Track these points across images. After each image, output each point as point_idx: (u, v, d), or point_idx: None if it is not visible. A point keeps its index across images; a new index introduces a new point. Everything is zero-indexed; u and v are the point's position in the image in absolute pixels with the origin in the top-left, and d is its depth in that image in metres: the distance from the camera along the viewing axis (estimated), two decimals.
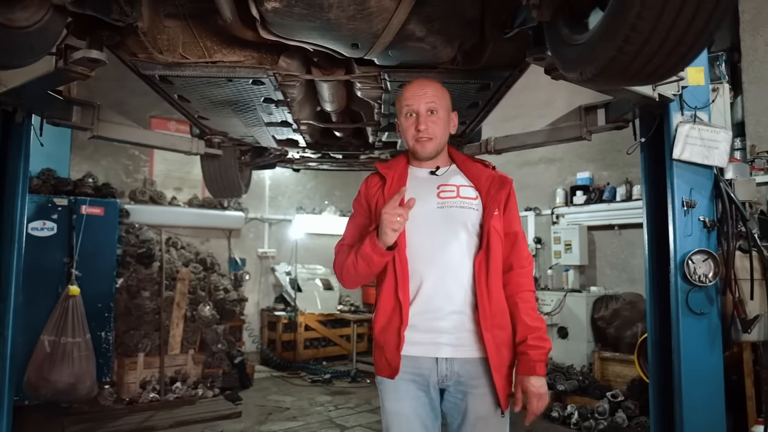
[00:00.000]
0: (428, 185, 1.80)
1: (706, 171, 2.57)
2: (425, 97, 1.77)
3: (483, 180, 1.80)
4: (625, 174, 6.30)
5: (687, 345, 2.46)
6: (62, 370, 4.11)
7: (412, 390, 1.69)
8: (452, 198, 1.76)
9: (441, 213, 1.74)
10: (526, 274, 1.75)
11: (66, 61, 2.07)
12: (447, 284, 1.68)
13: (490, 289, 1.67)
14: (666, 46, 1.15)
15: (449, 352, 1.67)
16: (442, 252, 1.70)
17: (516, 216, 1.81)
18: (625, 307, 5.41)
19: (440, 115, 1.79)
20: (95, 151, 6.73)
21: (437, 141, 1.79)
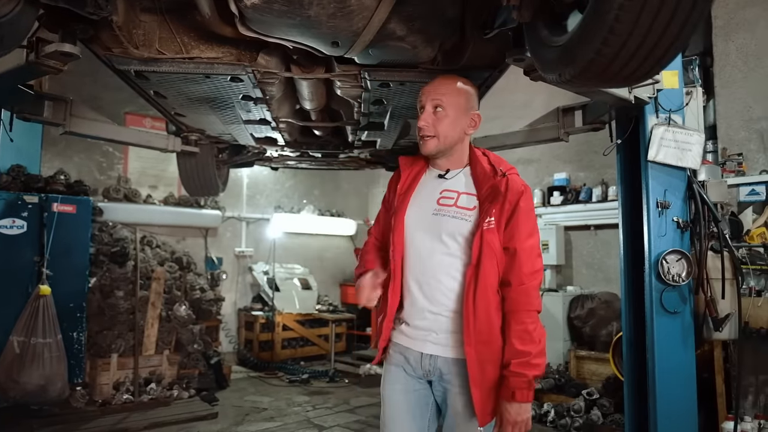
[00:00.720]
0: (433, 188, 1.80)
1: (679, 173, 2.62)
2: (434, 93, 1.76)
3: (484, 189, 1.73)
4: (601, 175, 6.40)
5: (661, 343, 2.51)
6: (32, 371, 4.01)
7: (403, 378, 1.79)
8: (449, 206, 1.74)
9: (433, 220, 1.74)
10: (525, 291, 1.65)
11: (37, 55, 2.01)
12: (431, 288, 1.73)
13: (477, 306, 1.64)
14: (643, 49, 1.17)
15: (433, 350, 1.73)
16: (429, 258, 1.73)
17: (520, 230, 1.68)
18: (601, 306, 5.49)
19: (447, 113, 1.74)
20: (67, 147, 6.57)
21: (441, 140, 1.75)
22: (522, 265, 1.66)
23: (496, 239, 1.66)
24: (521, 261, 1.66)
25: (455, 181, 1.79)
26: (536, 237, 1.73)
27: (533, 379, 1.62)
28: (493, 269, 1.66)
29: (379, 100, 2.85)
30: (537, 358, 1.62)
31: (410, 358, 1.77)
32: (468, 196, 1.75)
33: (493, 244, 1.65)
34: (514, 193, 1.70)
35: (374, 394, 5.92)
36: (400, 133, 3.63)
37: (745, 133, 4.77)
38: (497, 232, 1.66)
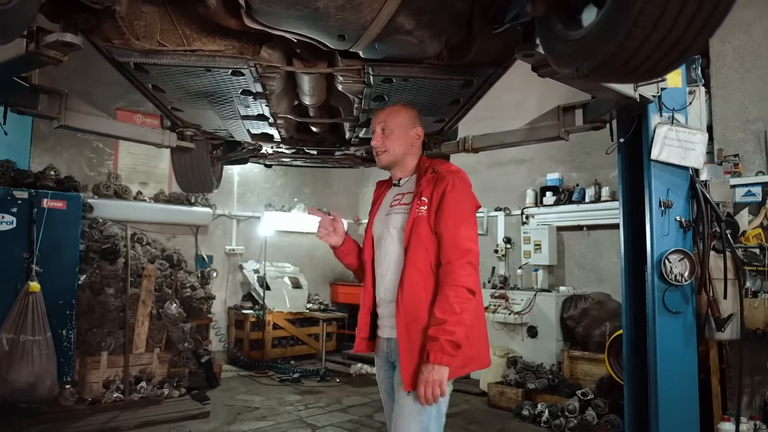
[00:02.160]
0: (390, 195, 2.16)
1: (682, 172, 2.63)
2: (378, 119, 2.12)
3: (419, 184, 2.02)
4: (594, 176, 6.43)
5: (663, 343, 2.51)
6: (21, 369, 3.94)
7: (380, 363, 2.12)
8: (396, 205, 2.07)
9: (386, 219, 2.08)
10: (450, 269, 1.83)
11: (38, 45, 1.96)
12: (385, 280, 2.02)
13: (404, 284, 1.90)
14: (667, 42, 1.16)
15: (389, 333, 2.01)
16: (385, 253, 2.04)
17: (448, 215, 1.89)
18: (594, 306, 5.51)
19: (396, 133, 2.09)
20: (57, 143, 6.47)
21: (390, 154, 2.09)
22: (447, 247, 1.87)
23: (426, 226, 1.90)
24: (446, 243, 1.87)
25: (404, 186, 2.14)
26: (467, 223, 1.91)
27: (448, 345, 1.74)
28: (420, 253, 1.89)
29: (380, 96, 2.83)
30: (453, 326, 1.77)
31: (382, 345, 2.07)
32: (410, 195, 2.05)
33: (421, 230, 1.90)
34: (441, 186, 1.93)
35: (366, 393, 5.89)
36: None
37: (741, 134, 4.81)
38: (428, 219, 1.91)
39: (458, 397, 5.74)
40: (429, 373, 1.76)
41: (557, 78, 2.01)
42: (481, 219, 7.65)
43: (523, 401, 5.05)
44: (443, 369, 1.76)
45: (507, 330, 6.14)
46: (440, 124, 3.53)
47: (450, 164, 2.12)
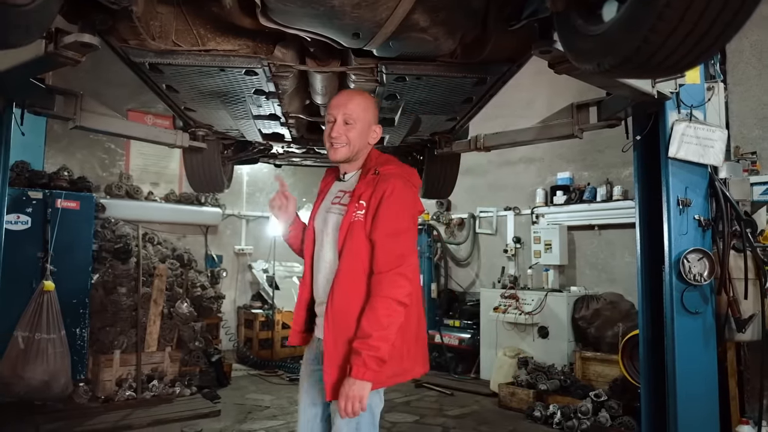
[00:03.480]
0: (332, 191, 2.03)
1: (701, 170, 2.59)
2: (343, 109, 1.94)
3: (358, 186, 1.90)
4: (606, 174, 6.38)
5: (682, 344, 2.48)
6: (36, 367, 3.97)
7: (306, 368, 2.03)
8: (336, 204, 1.95)
9: (323, 217, 1.97)
10: (379, 280, 1.76)
11: (56, 46, 1.97)
12: (319, 279, 1.94)
13: (334, 291, 1.82)
14: (692, 37, 1.14)
15: (320, 333, 1.92)
16: (319, 252, 1.96)
17: (383, 222, 1.80)
18: (606, 307, 5.47)
19: (357, 127, 1.93)
20: (70, 144, 6.52)
21: (350, 149, 1.93)
22: (378, 256, 1.79)
23: (361, 231, 1.81)
24: (378, 252, 1.79)
25: (350, 183, 1.99)
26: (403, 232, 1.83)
27: (371, 360, 1.68)
28: (353, 259, 1.81)
29: (392, 95, 2.82)
30: (378, 341, 1.69)
31: (314, 344, 2.01)
32: (348, 194, 1.93)
33: (356, 236, 1.81)
34: (380, 190, 1.83)
35: None
36: (410, 129, 3.60)
37: (759, 132, 4.74)
38: (364, 225, 1.81)
39: (468, 398, 5.72)
40: (350, 387, 1.69)
41: (575, 74, 1.99)
42: (490, 219, 7.63)
43: (534, 402, 5.02)
44: (365, 384, 1.69)
45: (517, 330, 6.10)
46: (452, 122, 3.52)
47: (397, 164, 1.98)
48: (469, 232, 7.83)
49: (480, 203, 7.76)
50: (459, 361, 6.81)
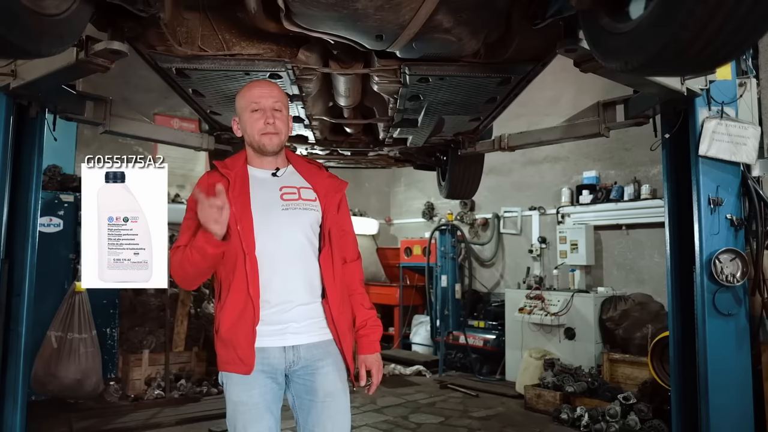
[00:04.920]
0: (270, 187, 1.87)
1: (733, 168, 2.53)
2: (272, 97, 1.85)
3: (320, 183, 1.92)
4: (634, 173, 6.26)
5: (713, 347, 2.42)
6: (69, 366, 4.08)
7: (261, 379, 1.77)
8: (295, 200, 1.86)
9: (286, 215, 1.83)
10: (357, 266, 1.98)
11: (87, 53, 2.03)
12: (294, 280, 1.80)
13: (336, 280, 1.85)
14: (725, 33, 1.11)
15: (294, 340, 1.79)
16: (289, 251, 1.81)
17: (347, 215, 2.01)
18: (635, 308, 5.37)
19: (284, 114, 1.87)
20: (99, 148, 6.65)
21: (282, 137, 1.86)
22: (352, 245, 1.99)
23: (337, 224, 1.91)
24: (350, 241, 1.99)
25: (287, 178, 1.91)
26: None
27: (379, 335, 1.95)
28: (339, 250, 1.89)
29: (415, 96, 2.82)
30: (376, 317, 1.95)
31: (270, 357, 1.77)
32: (306, 190, 1.90)
33: (336, 229, 1.90)
34: (342, 186, 1.98)
35: (400, 394, 5.88)
36: (433, 129, 3.59)
37: None
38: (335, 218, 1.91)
39: (493, 400, 5.67)
40: (379, 361, 1.92)
41: (601, 73, 1.96)
42: (514, 219, 7.57)
43: (561, 404, 4.95)
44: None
45: (543, 331, 6.03)
46: (475, 122, 3.51)
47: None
48: (493, 233, 7.77)
49: (504, 203, 7.69)
50: (484, 362, 6.77)
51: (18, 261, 2.61)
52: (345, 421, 1.83)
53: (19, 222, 2.63)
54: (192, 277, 1.79)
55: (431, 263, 7.51)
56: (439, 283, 7.40)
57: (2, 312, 2.57)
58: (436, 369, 6.90)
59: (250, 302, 1.73)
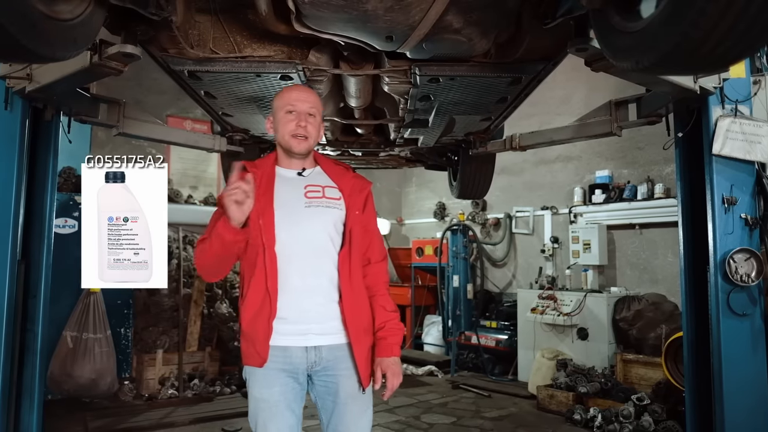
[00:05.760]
0: (295, 185, 1.91)
1: (747, 166, 2.50)
2: (308, 102, 1.91)
3: (345, 183, 1.94)
4: (647, 172, 6.21)
5: (728, 347, 2.40)
6: (84, 365, 4.13)
7: (282, 378, 1.79)
8: (319, 198, 1.89)
9: (309, 212, 1.86)
10: (382, 268, 1.96)
11: (101, 56, 2.06)
12: (315, 278, 1.82)
13: (353, 281, 1.84)
14: (736, 32, 1.10)
15: (317, 341, 1.80)
16: (310, 248, 1.83)
17: (373, 216, 2.00)
18: (648, 308, 5.32)
19: (317, 120, 1.92)
20: (113, 150, 6.73)
21: (311, 141, 1.90)
22: (378, 245, 1.97)
23: (361, 224, 1.91)
24: (377, 242, 1.98)
25: (313, 178, 1.95)
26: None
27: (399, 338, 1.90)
28: (359, 250, 1.89)
29: (426, 96, 2.82)
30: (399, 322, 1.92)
31: (292, 356, 1.79)
32: (330, 189, 1.92)
33: (359, 230, 1.90)
34: (366, 186, 2.00)
35: (412, 394, 5.88)
36: (444, 129, 3.59)
37: None
38: (360, 217, 1.91)
39: (506, 400, 5.66)
40: (397, 365, 1.84)
41: (612, 72, 1.95)
42: (526, 218, 7.54)
43: (574, 405, 4.92)
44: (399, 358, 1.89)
45: (556, 332, 6.00)
46: (486, 122, 3.50)
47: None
48: (505, 232, 7.75)
49: (516, 203, 7.66)
50: (496, 362, 6.75)
51: (34, 262, 2.65)
52: (367, 422, 1.86)
53: (35, 224, 2.67)
54: (212, 265, 1.84)
55: (443, 263, 7.50)
56: (451, 283, 7.39)
57: (19, 312, 2.61)
58: (448, 369, 6.89)
59: (267, 296, 1.76)
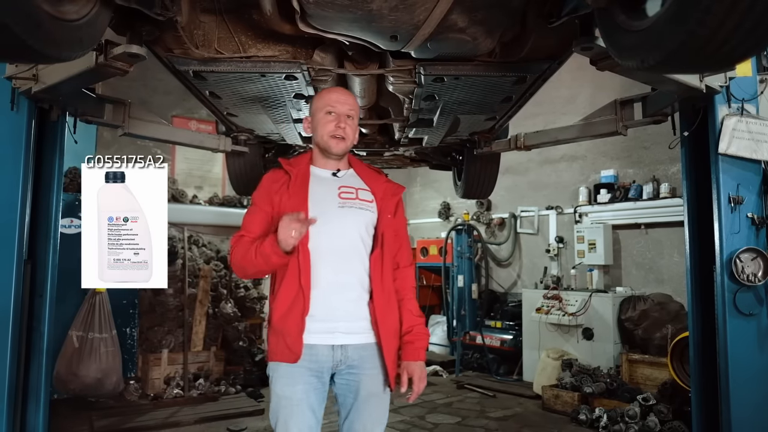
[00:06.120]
0: (329, 185, 1.95)
1: (754, 165, 2.49)
2: (347, 104, 1.96)
3: (378, 186, 1.99)
4: (653, 171, 6.19)
5: (734, 347, 2.39)
6: (90, 365, 4.15)
7: (306, 376, 1.80)
8: (352, 199, 1.92)
9: (341, 212, 1.89)
10: (410, 273, 2.01)
11: (106, 57, 2.07)
12: (344, 277, 1.85)
13: (384, 284, 1.88)
14: (742, 30, 1.10)
15: (344, 340, 1.83)
16: (341, 248, 1.87)
17: (403, 221, 2.06)
18: (654, 308, 5.30)
19: (355, 123, 1.96)
20: (119, 150, 6.73)
21: (348, 143, 1.94)
22: (407, 250, 2.01)
23: (392, 228, 1.95)
24: (407, 247, 2.02)
25: (347, 179, 1.99)
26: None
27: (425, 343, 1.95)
28: (391, 253, 1.93)
29: (431, 96, 2.82)
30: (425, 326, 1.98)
31: (318, 354, 1.80)
32: (364, 191, 1.96)
33: (391, 233, 1.94)
34: (399, 191, 2.04)
35: None
36: (449, 129, 3.58)
37: None
38: (391, 222, 1.95)
39: (511, 400, 5.65)
40: (423, 369, 1.89)
41: (618, 71, 1.94)
42: (531, 218, 7.52)
43: (579, 405, 4.91)
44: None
45: (561, 332, 5.99)
46: (491, 122, 3.49)
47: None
48: (510, 232, 7.73)
49: (521, 202, 7.65)
50: (501, 362, 6.74)
51: (40, 262, 2.67)
52: (383, 422, 1.90)
53: (41, 224, 2.68)
54: (250, 273, 1.89)
55: (447, 263, 7.50)
56: (456, 283, 7.38)
57: (25, 312, 2.63)
58: (453, 369, 6.89)
59: (301, 293, 1.79)
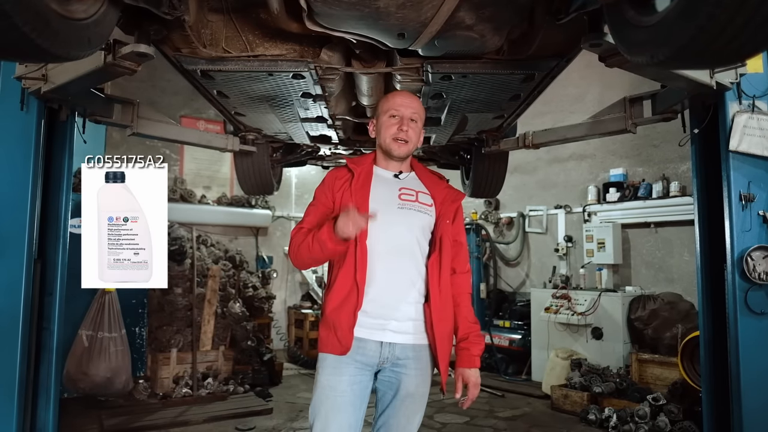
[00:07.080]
0: (391, 186, 1.99)
1: (765, 163, 2.47)
2: (411, 108, 1.98)
3: (439, 191, 2.01)
4: (662, 170, 6.14)
5: (746, 346, 2.37)
6: (99, 364, 4.17)
7: (352, 369, 1.83)
8: (412, 201, 1.96)
9: (401, 213, 1.93)
10: (467, 279, 2.01)
11: (114, 56, 2.08)
12: (398, 277, 1.88)
13: (441, 287, 1.89)
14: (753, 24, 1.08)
15: (393, 338, 1.86)
16: (397, 247, 1.89)
17: (462, 227, 2.06)
18: (664, 307, 5.26)
19: (419, 126, 2.00)
20: (128, 150, 6.80)
21: (411, 146, 1.98)
22: (465, 256, 2.03)
23: (450, 233, 1.96)
24: (465, 253, 2.03)
25: (408, 182, 2.02)
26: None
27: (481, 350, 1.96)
28: (449, 258, 1.94)
29: (438, 94, 2.81)
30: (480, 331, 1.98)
31: (366, 348, 1.84)
32: (424, 195, 1.99)
33: (449, 238, 1.95)
34: (459, 197, 2.05)
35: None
36: (457, 127, 3.57)
37: None
38: (450, 227, 1.97)
39: (519, 400, 5.62)
40: (478, 376, 1.92)
41: (627, 67, 1.93)
42: (540, 217, 7.49)
43: (588, 405, 4.88)
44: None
45: (570, 331, 5.96)
46: (499, 120, 3.48)
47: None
48: (518, 231, 7.70)
49: (529, 202, 7.62)
50: (509, 362, 6.71)
51: (50, 261, 2.69)
52: (418, 422, 1.93)
53: (50, 223, 2.70)
54: (306, 261, 1.91)
55: None
56: None
57: (35, 311, 2.65)
58: None
59: (355, 287, 1.82)
